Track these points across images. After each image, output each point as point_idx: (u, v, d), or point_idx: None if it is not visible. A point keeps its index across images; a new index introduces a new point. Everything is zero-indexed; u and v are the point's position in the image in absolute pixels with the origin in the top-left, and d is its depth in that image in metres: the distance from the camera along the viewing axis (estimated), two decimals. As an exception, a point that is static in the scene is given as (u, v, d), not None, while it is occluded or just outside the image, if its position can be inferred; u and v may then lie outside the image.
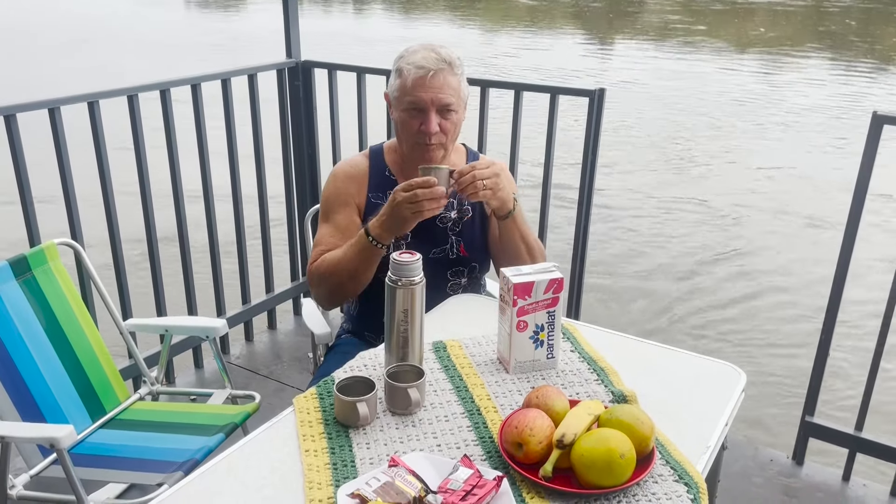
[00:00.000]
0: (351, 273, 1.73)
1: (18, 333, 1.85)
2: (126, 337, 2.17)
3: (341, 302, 1.96)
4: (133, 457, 1.84)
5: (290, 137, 3.13)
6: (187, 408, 2.06)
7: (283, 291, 3.28)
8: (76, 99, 2.31)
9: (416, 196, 1.59)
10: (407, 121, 1.76)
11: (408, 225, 1.63)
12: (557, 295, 1.45)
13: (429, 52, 1.74)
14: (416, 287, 1.37)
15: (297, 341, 3.25)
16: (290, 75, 3.05)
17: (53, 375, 1.90)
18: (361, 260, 1.70)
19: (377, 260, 1.71)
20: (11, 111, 2.15)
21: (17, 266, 1.89)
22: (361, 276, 1.74)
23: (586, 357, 1.54)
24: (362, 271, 1.72)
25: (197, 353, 3.00)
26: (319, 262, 1.79)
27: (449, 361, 1.52)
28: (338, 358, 1.85)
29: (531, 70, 10.94)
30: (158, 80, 2.53)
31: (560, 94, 2.52)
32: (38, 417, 1.83)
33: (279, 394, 2.85)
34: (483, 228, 1.90)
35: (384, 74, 2.80)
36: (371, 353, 1.55)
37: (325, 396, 1.40)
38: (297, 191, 3.22)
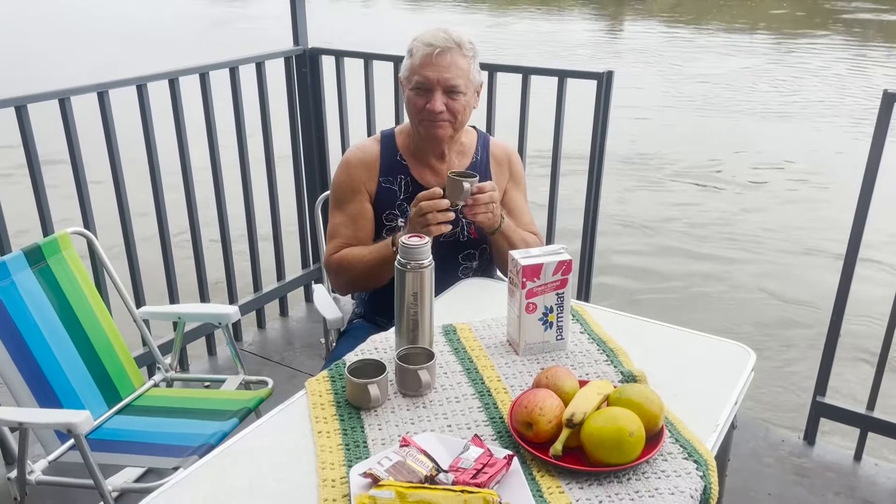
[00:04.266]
0: (372, 276, 1.79)
1: (34, 322, 1.87)
2: (140, 324, 2.19)
3: (363, 291, 2.01)
4: (149, 442, 1.86)
5: (298, 125, 3.13)
6: (201, 394, 2.09)
7: (295, 279, 3.30)
8: (87, 89, 2.33)
9: (422, 209, 1.61)
10: (414, 99, 1.77)
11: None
12: (566, 277, 1.45)
13: (439, 31, 1.75)
14: (426, 270, 1.38)
15: (309, 328, 3.27)
16: (298, 63, 3.05)
17: (69, 363, 1.92)
18: (385, 268, 1.71)
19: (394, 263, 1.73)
20: (22, 102, 2.17)
21: (32, 255, 1.91)
22: (383, 277, 1.76)
23: (595, 338, 1.55)
24: (384, 275, 1.74)
25: (210, 340, 3.02)
26: (340, 258, 1.81)
27: (459, 344, 1.53)
28: (350, 343, 1.87)
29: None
30: (167, 70, 2.54)
31: (568, 77, 2.51)
32: (55, 404, 1.85)
33: (291, 380, 2.87)
34: None
35: (391, 61, 2.82)
36: (382, 337, 1.56)
37: (337, 379, 1.41)
38: (306, 178, 3.23)
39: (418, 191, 1.83)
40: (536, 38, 12.97)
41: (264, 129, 2.98)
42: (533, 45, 12.14)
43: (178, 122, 2.64)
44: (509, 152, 1.97)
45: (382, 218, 1.84)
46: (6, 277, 1.84)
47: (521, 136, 2.63)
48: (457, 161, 1.88)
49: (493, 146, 1.95)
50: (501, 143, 1.98)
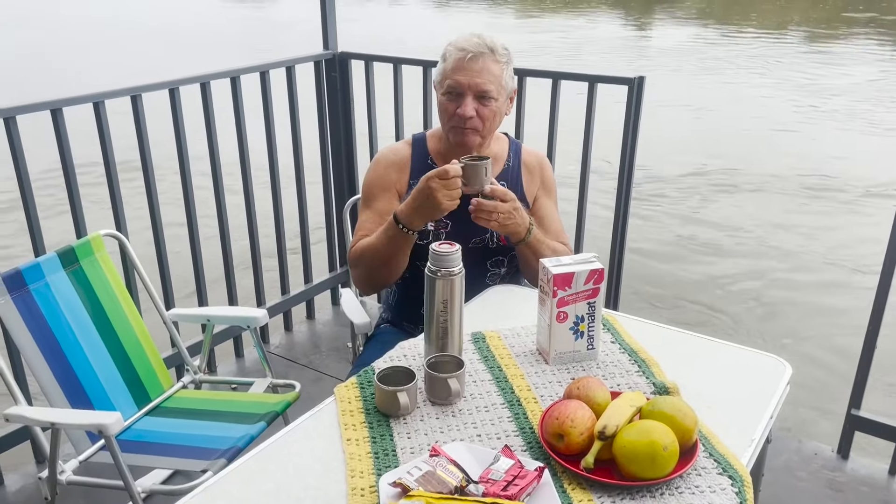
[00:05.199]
0: (383, 259, 1.73)
1: (67, 323, 1.90)
2: (169, 326, 2.21)
3: (379, 287, 1.95)
4: (177, 443, 1.88)
5: (327, 128, 3.14)
6: (229, 396, 2.10)
7: (322, 282, 3.31)
8: (120, 93, 2.35)
9: (430, 187, 1.60)
10: (445, 104, 1.76)
11: (434, 212, 1.62)
12: (598, 286, 1.43)
13: (473, 36, 1.74)
14: (456, 278, 1.37)
15: (336, 331, 3.28)
16: (328, 67, 3.06)
17: (100, 364, 1.94)
18: (392, 246, 1.70)
19: (408, 246, 1.71)
20: (58, 105, 2.20)
21: (65, 257, 1.94)
22: (394, 261, 1.73)
23: (627, 348, 1.52)
24: (395, 257, 1.72)
25: (238, 342, 3.04)
26: (356, 249, 1.81)
27: (488, 352, 1.52)
28: (377, 347, 1.86)
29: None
30: (199, 74, 2.57)
31: (598, 83, 2.49)
32: (86, 405, 1.87)
33: (318, 383, 2.88)
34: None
35: (421, 65, 2.82)
36: (410, 343, 1.56)
37: (366, 386, 1.41)
38: (334, 182, 3.24)
39: None
40: (621, 44, 12.48)
41: (293, 132, 2.99)
42: (618, 52, 11.60)
43: (208, 125, 2.66)
44: (541, 159, 1.95)
45: None
46: (40, 279, 1.87)
47: (550, 142, 2.61)
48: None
49: (525, 153, 1.93)
50: (533, 151, 1.96)
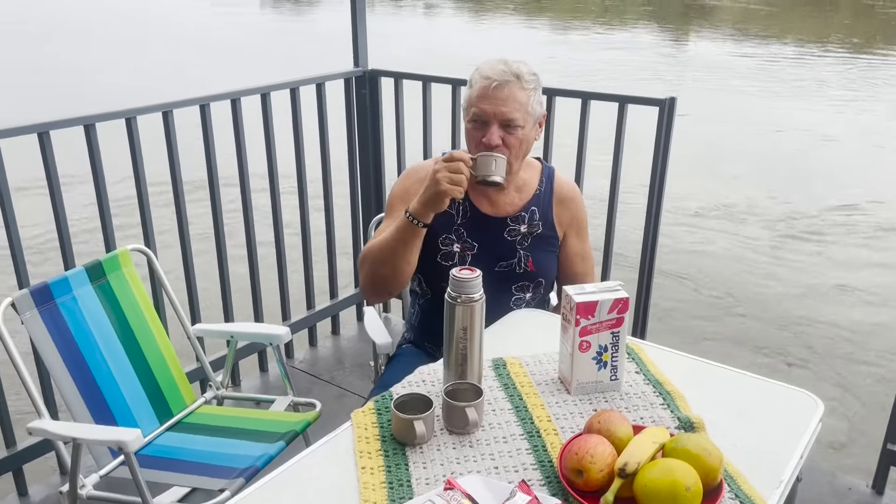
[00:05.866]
0: (389, 253, 1.69)
1: (93, 337, 1.91)
2: (193, 342, 2.22)
3: (382, 291, 1.83)
4: (197, 461, 1.88)
5: (355, 145, 3.15)
6: (250, 413, 2.09)
7: (347, 297, 3.31)
8: (152, 109, 2.39)
9: (434, 170, 1.59)
10: (471, 131, 1.74)
11: (438, 199, 1.60)
12: (622, 315, 1.40)
13: (499, 63, 1.71)
14: (476, 304, 1.35)
15: (360, 347, 3.27)
16: (357, 84, 3.07)
17: (124, 378, 1.96)
18: (398, 238, 1.67)
19: (415, 241, 1.68)
20: (91, 121, 2.23)
21: (93, 271, 1.96)
22: (398, 258, 1.69)
23: (652, 380, 1.49)
24: (399, 253, 1.69)
25: (262, 356, 3.05)
26: (366, 246, 1.79)
27: (509, 380, 1.49)
28: (398, 368, 1.85)
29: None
30: (229, 90, 2.59)
31: (629, 104, 2.46)
32: (108, 419, 1.88)
33: (340, 400, 2.87)
34: (552, 244, 1.86)
35: (450, 83, 2.81)
36: (430, 369, 1.54)
37: (383, 412, 1.39)
38: (361, 198, 3.25)
39: (476, 216, 1.81)
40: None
41: (322, 149, 3.00)
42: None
43: (238, 141, 2.68)
44: (574, 193, 1.91)
45: (438, 242, 1.81)
46: (67, 293, 1.89)
47: (579, 165, 2.58)
48: (517, 195, 1.84)
49: (558, 182, 1.89)
50: (567, 182, 1.92)
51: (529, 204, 1.84)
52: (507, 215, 1.82)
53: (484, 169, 1.64)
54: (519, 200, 1.84)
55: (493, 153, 1.66)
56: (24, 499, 2.33)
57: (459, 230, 1.81)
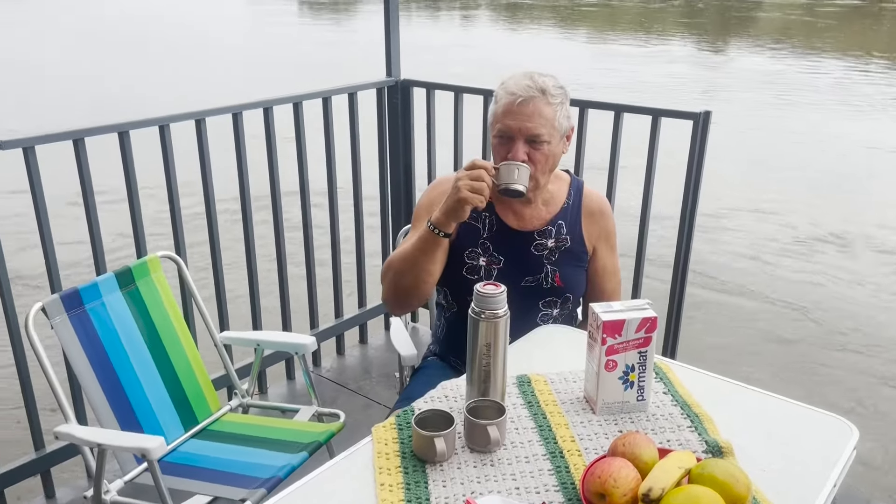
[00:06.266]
0: (410, 262, 1.69)
1: (121, 342, 1.93)
2: (220, 349, 2.23)
3: (404, 302, 1.79)
4: (220, 469, 1.88)
5: (386, 155, 3.16)
6: (274, 423, 2.09)
7: (375, 307, 3.31)
8: (184, 116, 2.41)
9: (456, 178, 1.58)
10: (497, 147, 1.72)
11: (458, 207, 1.59)
12: (650, 335, 1.37)
13: (524, 78, 1.69)
14: (500, 321, 1.33)
15: (387, 357, 3.27)
16: (389, 93, 3.08)
17: (150, 384, 1.97)
18: (420, 249, 1.67)
19: (436, 252, 1.68)
20: (125, 128, 2.27)
21: (122, 278, 1.98)
22: (420, 269, 1.68)
23: (679, 401, 1.45)
24: (421, 263, 1.68)
25: (289, 364, 3.06)
26: (388, 257, 1.78)
27: (533, 397, 1.47)
28: (422, 381, 1.83)
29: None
30: (262, 99, 2.61)
31: (662, 117, 2.42)
32: (134, 425, 1.90)
33: (366, 410, 2.86)
34: (581, 259, 1.84)
35: (482, 94, 2.80)
36: (453, 384, 1.52)
37: (404, 427, 1.37)
38: (391, 208, 3.25)
39: (502, 230, 1.79)
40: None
41: (353, 158, 3.01)
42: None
43: (269, 150, 2.70)
44: (603, 206, 1.88)
45: (464, 255, 1.80)
46: (97, 298, 1.91)
47: (611, 180, 2.54)
48: (544, 208, 1.82)
49: (587, 196, 1.87)
50: (596, 195, 1.89)
51: (557, 217, 1.81)
52: (533, 229, 1.80)
53: (506, 177, 1.63)
54: (546, 214, 1.81)
55: (516, 162, 1.64)
56: (51, 501, 2.36)
57: (485, 244, 1.79)
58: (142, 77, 10.68)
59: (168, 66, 11.74)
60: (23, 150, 2.09)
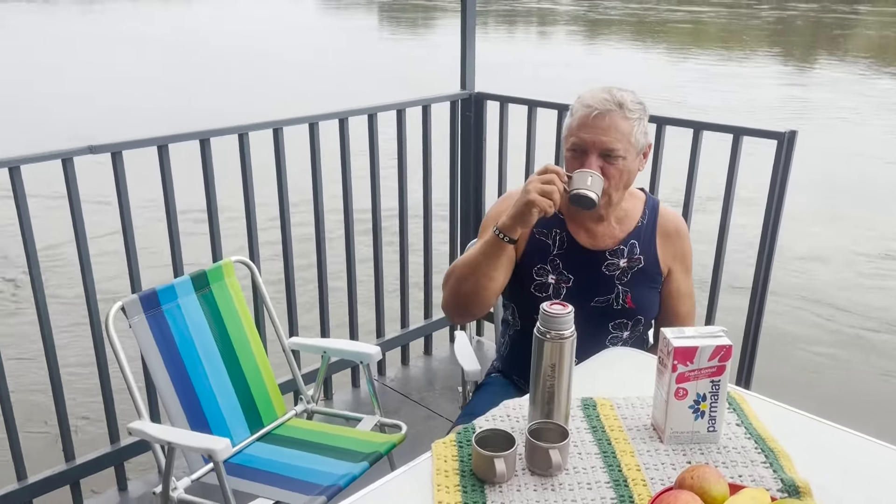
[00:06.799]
0: (472, 268, 1.65)
1: (193, 344, 1.99)
2: (288, 355, 2.26)
3: (463, 310, 1.75)
4: (282, 473, 1.90)
5: (458, 167, 3.16)
6: (337, 430, 2.11)
7: (441, 318, 3.31)
8: (262, 126, 2.48)
9: (528, 182, 1.55)
10: (569, 160, 1.69)
11: (526, 210, 1.55)
12: (724, 363, 1.31)
13: (602, 92, 1.66)
14: (566, 342, 1.30)
15: (451, 370, 3.26)
16: (463, 106, 3.08)
17: (220, 386, 2.02)
18: (484, 253, 1.64)
19: (500, 257, 1.64)
20: (205, 136, 2.34)
21: (198, 281, 2.04)
22: (481, 274, 1.65)
23: (754, 434, 1.38)
24: (483, 268, 1.65)
25: (355, 372, 3.09)
26: (452, 264, 1.76)
27: (598, 422, 1.43)
28: (485, 398, 1.82)
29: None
30: (337, 110, 2.66)
31: (744, 136, 2.33)
32: (202, 425, 1.94)
33: (428, 422, 2.86)
34: (654, 280, 1.78)
35: (556, 108, 2.77)
36: (516, 403, 1.49)
37: (465, 445, 1.35)
38: (460, 221, 3.25)
39: (573, 249, 1.76)
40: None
41: (425, 169, 3.03)
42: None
43: (343, 159, 2.75)
44: (679, 226, 1.82)
45: (533, 272, 1.77)
46: (173, 300, 1.97)
47: (687, 200, 2.47)
48: (617, 226, 1.77)
49: (663, 215, 1.81)
50: (672, 214, 1.84)
51: (630, 237, 1.77)
52: (605, 248, 1.76)
53: (578, 183, 1.59)
54: (619, 233, 1.77)
55: (590, 170, 1.61)
56: (124, 493, 2.45)
57: (555, 261, 1.76)
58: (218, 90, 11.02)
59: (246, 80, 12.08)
60: (111, 154, 2.18)
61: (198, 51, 14.83)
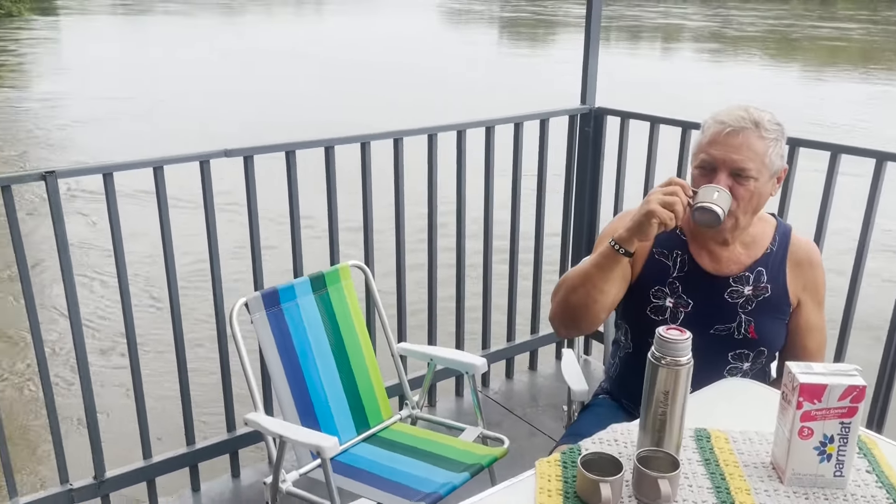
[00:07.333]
0: (583, 279, 1.60)
1: (308, 342, 2.06)
2: (396, 360, 2.31)
3: (571, 323, 1.69)
4: (385, 476, 1.94)
5: (573, 183, 3.12)
6: (440, 438, 2.13)
7: (548, 334, 3.27)
8: (383, 135, 2.55)
9: (650, 193, 1.49)
10: (696, 178, 1.63)
11: (644, 221, 1.50)
12: (856, 405, 1.22)
13: (738, 109, 1.60)
14: (682, 369, 1.25)
15: (556, 387, 3.21)
16: (582, 121, 3.05)
17: (331, 385, 2.08)
18: (597, 264, 1.59)
19: (613, 269, 1.58)
20: (331, 143, 2.44)
21: (316, 282, 2.12)
22: (593, 286, 1.59)
23: (885, 483, 1.28)
24: (595, 280, 1.59)
25: (459, 381, 3.10)
26: (562, 275, 1.73)
27: (711, 455, 1.36)
28: (591, 420, 1.78)
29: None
30: (455, 122, 2.69)
31: (889, 161, 2.18)
32: (312, 421, 2.01)
33: (530, 438, 2.83)
34: (781, 311, 1.69)
35: (680, 126, 2.69)
36: (624, 428, 1.45)
37: (569, 466, 1.33)
38: (573, 237, 3.20)
39: (694, 271, 1.69)
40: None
41: (539, 184, 3.01)
42: None
43: (459, 170, 2.78)
44: (812, 255, 1.72)
45: (650, 294, 1.70)
46: (293, 299, 2.06)
47: (820, 228, 2.33)
48: (743, 252, 1.69)
49: (795, 243, 1.71)
50: (805, 242, 1.73)
51: (757, 263, 1.68)
52: (730, 274, 1.68)
53: (704, 196, 1.52)
54: (746, 258, 1.69)
55: (717, 185, 1.54)
56: (237, 480, 2.57)
57: (674, 284, 1.70)
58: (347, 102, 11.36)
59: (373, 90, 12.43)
60: (243, 158, 2.31)
61: (337, 65, 15.32)
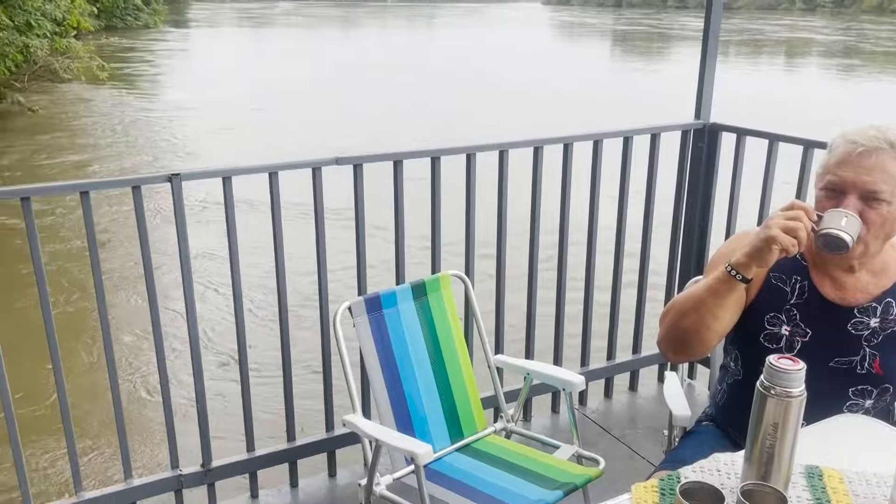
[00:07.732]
0: (696, 304, 1.53)
1: (407, 349, 2.10)
2: (492, 371, 2.31)
3: (679, 348, 1.62)
4: (477, 487, 1.94)
5: (683, 201, 3.03)
6: (534, 454, 2.10)
7: (650, 356, 3.18)
8: (489, 147, 2.57)
9: (770, 217, 1.42)
10: (822, 201, 1.53)
11: (763, 246, 1.42)
12: None
13: (871, 129, 1.49)
14: (794, 401, 1.18)
15: (656, 410, 3.11)
16: (695, 137, 2.95)
17: (427, 393, 2.11)
18: (711, 289, 1.50)
19: (729, 296, 1.50)
20: (437, 154, 2.47)
21: (417, 290, 2.15)
22: (706, 311, 1.51)
23: None
24: (709, 305, 1.51)
25: (556, 397, 3.06)
26: (673, 299, 1.66)
27: (823, 494, 1.28)
28: (693, 447, 1.71)
29: None
30: (563, 135, 2.68)
31: None
32: (408, 427, 2.04)
33: (627, 461, 2.75)
34: None
35: (802, 144, 2.56)
36: (728, 458, 1.39)
37: (667, 493, 1.29)
38: (681, 256, 3.10)
39: (815, 300, 1.59)
40: None
41: (647, 200, 2.94)
42: None
43: (564, 183, 2.75)
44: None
45: (764, 320, 1.61)
46: (394, 305, 2.10)
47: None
48: (871, 280, 1.58)
49: None
50: None
51: (887, 294, 1.56)
52: (855, 304, 1.57)
53: (830, 222, 1.43)
54: (874, 288, 1.57)
55: (845, 210, 1.45)
56: (332, 479, 2.64)
57: (792, 311, 1.61)
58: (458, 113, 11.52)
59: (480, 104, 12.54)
60: (353, 166, 2.38)
61: (453, 79, 15.55)
